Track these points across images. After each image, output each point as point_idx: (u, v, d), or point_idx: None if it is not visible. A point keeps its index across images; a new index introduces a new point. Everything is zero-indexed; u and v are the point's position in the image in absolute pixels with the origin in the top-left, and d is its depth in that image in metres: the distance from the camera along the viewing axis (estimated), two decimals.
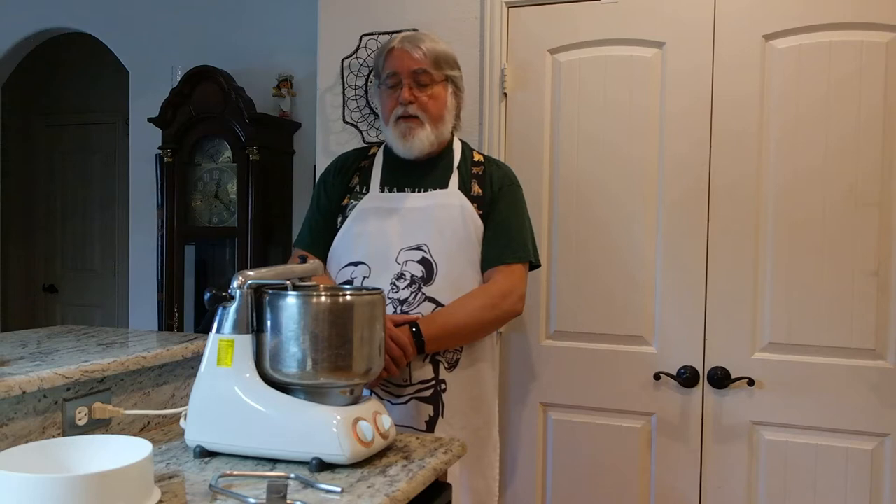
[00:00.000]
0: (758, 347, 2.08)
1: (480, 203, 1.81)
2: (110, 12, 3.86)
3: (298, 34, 3.40)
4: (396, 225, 1.78)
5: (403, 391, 1.73)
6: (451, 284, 1.75)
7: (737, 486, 2.10)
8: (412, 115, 1.77)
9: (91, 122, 5.06)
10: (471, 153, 1.90)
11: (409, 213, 1.79)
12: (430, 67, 1.77)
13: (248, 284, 1.37)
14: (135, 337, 1.78)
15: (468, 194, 1.81)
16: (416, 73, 1.76)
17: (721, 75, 2.10)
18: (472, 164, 1.87)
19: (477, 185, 1.83)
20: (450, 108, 1.82)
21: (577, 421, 2.25)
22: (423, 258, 1.75)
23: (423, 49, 1.77)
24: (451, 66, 1.82)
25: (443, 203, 1.79)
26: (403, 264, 1.76)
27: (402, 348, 1.63)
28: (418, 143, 1.78)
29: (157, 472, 1.26)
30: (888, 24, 1.97)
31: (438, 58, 1.79)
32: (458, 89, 1.85)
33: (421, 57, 1.77)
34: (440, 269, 1.75)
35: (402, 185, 1.83)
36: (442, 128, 1.81)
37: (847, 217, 2.00)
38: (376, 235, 1.79)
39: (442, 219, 1.77)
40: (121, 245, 4.80)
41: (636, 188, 2.17)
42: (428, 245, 1.76)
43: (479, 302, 1.73)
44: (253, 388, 1.34)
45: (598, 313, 2.21)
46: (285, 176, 3.51)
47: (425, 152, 1.80)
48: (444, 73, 1.80)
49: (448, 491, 1.45)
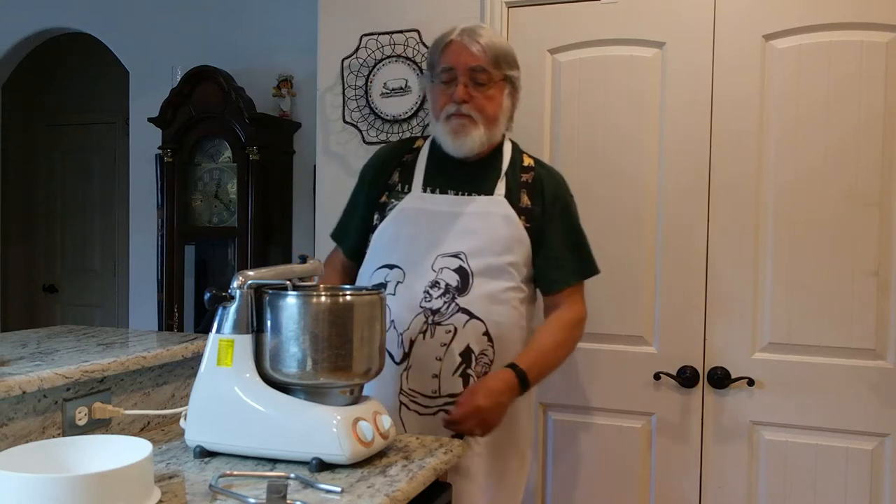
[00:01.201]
0: (758, 347, 2.08)
1: (529, 216, 1.71)
2: (110, 12, 3.86)
3: (298, 34, 3.40)
4: (436, 229, 1.70)
5: (433, 402, 1.67)
6: (487, 296, 1.67)
7: (737, 486, 2.10)
8: (465, 114, 1.67)
9: (91, 122, 5.06)
10: (520, 157, 1.79)
11: (450, 218, 1.71)
12: (490, 66, 1.67)
13: (248, 284, 1.37)
14: (135, 337, 1.78)
15: (516, 204, 1.71)
16: (474, 71, 1.67)
17: (721, 75, 2.10)
18: (522, 169, 1.76)
19: (526, 195, 1.73)
20: (504, 111, 1.73)
21: (577, 421, 2.25)
22: (459, 267, 1.68)
23: (483, 44, 1.67)
24: (510, 66, 1.71)
25: (486, 211, 1.70)
26: (439, 272, 1.68)
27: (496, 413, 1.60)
28: (470, 142, 1.69)
29: (157, 472, 1.26)
30: (888, 24, 1.97)
31: (498, 56, 1.68)
32: (515, 90, 1.75)
33: (479, 52, 1.66)
34: (476, 279, 1.67)
35: (446, 187, 1.74)
36: (495, 130, 1.72)
37: (847, 217, 2.00)
38: (414, 239, 1.71)
39: (483, 227, 1.69)
40: (121, 245, 4.79)
41: (636, 188, 2.17)
42: (466, 253, 1.68)
43: (564, 333, 1.73)
44: (253, 388, 1.34)
45: (597, 313, 2.20)
46: (285, 176, 3.51)
47: (475, 152, 1.72)
48: (502, 73, 1.70)
49: (448, 491, 1.45)
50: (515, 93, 1.76)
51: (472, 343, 1.67)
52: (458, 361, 1.66)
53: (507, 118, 1.76)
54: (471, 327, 1.67)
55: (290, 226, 3.53)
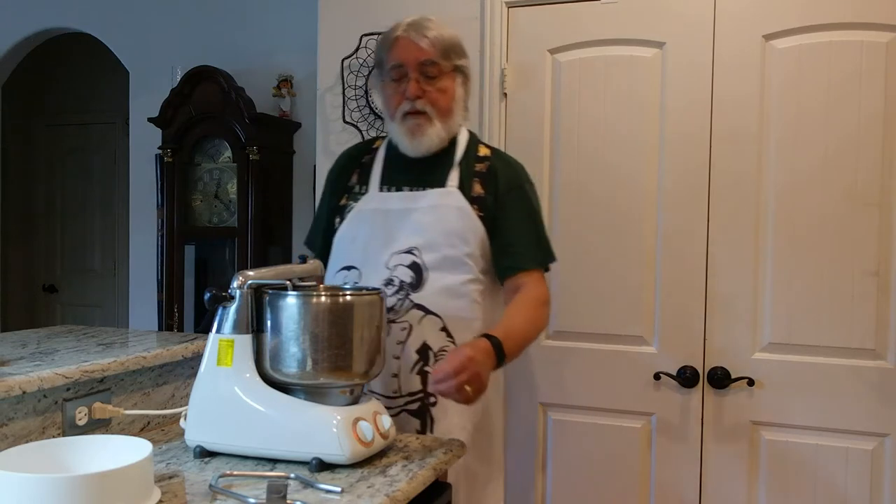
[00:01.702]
0: (758, 347, 2.08)
1: (482, 205, 1.67)
2: (110, 12, 3.86)
3: (298, 34, 3.39)
4: (391, 227, 1.68)
5: (394, 402, 1.62)
6: (442, 291, 1.63)
7: (737, 486, 2.10)
8: (420, 111, 1.64)
9: (91, 122, 5.06)
10: (476, 147, 1.75)
11: (403, 215, 1.68)
12: (439, 58, 1.64)
13: (248, 284, 1.37)
14: (135, 337, 1.78)
15: (468, 194, 1.67)
16: (424, 65, 1.64)
17: (721, 75, 2.10)
18: (477, 159, 1.72)
19: (479, 184, 1.69)
20: (458, 101, 1.70)
21: (577, 421, 2.24)
22: (413, 262, 1.64)
23: (430, 37, 1.64)
24: (458, 55, 1.69)
25: (438, 203, 1.67)
26: (393, 269, 1.65)
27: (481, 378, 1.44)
28: (427, 141, 1.66)
29: (157, 472, 1.26)
30: (888, 24, 1.96)
31: (447, 47, 1.65)
32: (467, 79, 1.73)
33: (428, 46, 1.63)
34: (431, 273, 1.63)
35: (402, 184, 1.72)
36: (451, 122, 1.69)
37: (847, 217, 2.00)
38: (370, 239, 1.69)
39: (436, 220, 1.65)
40: (121, 245, 4.79)
41: (636, 188, 2.17)
42: (419, 248, 1.64)
43: (532, 311, 1.63)
44: (253, 388, 1.34)
45: (598, 313, 2.21)
46: (285, 176, 3.51)
47: (434, 150, 1.69)
48: (452, 64, 1.67)
49: (448, 491, 1.45)
50: (467, 82, 1.73)
51: (430, 339, 1.63)
52: (416, 359, 1.62)
53: (462, 108, 1.73)
54: (427, 323, 1.63)
55: (290, 226, 3.53)
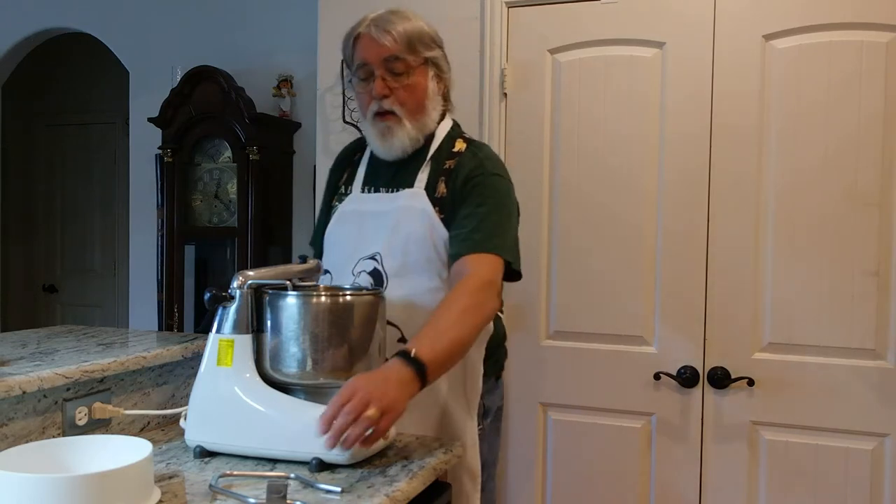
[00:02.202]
0: (758, 347, 2.08)
1: (442, 207, 1.56)
2: (110, 12, 3.86)
3: (298, 34, 3.40)
4: (362, 231, 1.60)
5: None
6: (401, 301, 1.53)
7: (737, 486, 2.10)
8: (388, 112, 1.56)
9: (91, 122, 5.06)
10: (452, 142, 1.63)
11: (375, 217, 1.60)
12: (404, 52, 1.54)
13: (248, 284, 1.37)
14: (135, 337, 1.78)
15: (432, 195, 1.56)
16: (388, 61, 1.54)
17: (721, 75, 2.10)
18: (449, 155, 1.60)
19: (444, 183, 1.57)
20: (432, 96, 1.60)
21: (577, 421, 2.25)
22: (374, 269, 1.56)
23: (394, 33, 1.53)
24: (428, 46, 1.58)
25: (405, 206, 1.57)
26: (357, 276, 1.58)
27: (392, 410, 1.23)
28: (398, 143, 1.58)
29: (157, 472, 1.26)
30: (888, 24, 1.97)
31: (412, 39, 1.55)
32: (441, 70, 1.62)
33: (391, 42, 1.53)
34: (391, 281, 1.54)
35: (379, 185, 1.64)
36: (424, 119, 1.59)
37: (847, 217, 2.00)
38: (342, 243, 1.64)
39: (400, 224, 1.56)
40: (121, 245, 4.79)
41: (636, 188, 2.17)
42: (381, 254, 1.56)
43: (464, 302, 1.41)
44: (253, 388, 1.34)
45: (598, 313, 2.21)
46: (285, 176, 3.51)
47: (408, 151, 1.60)
48: (421, 57, 1.57)
49: (448, 491, 1.45)
50: (442, 73, 1.62)
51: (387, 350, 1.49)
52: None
53: (439, 102, 1.63)
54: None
55: (290, 226, 3.53)
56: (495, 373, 1.69)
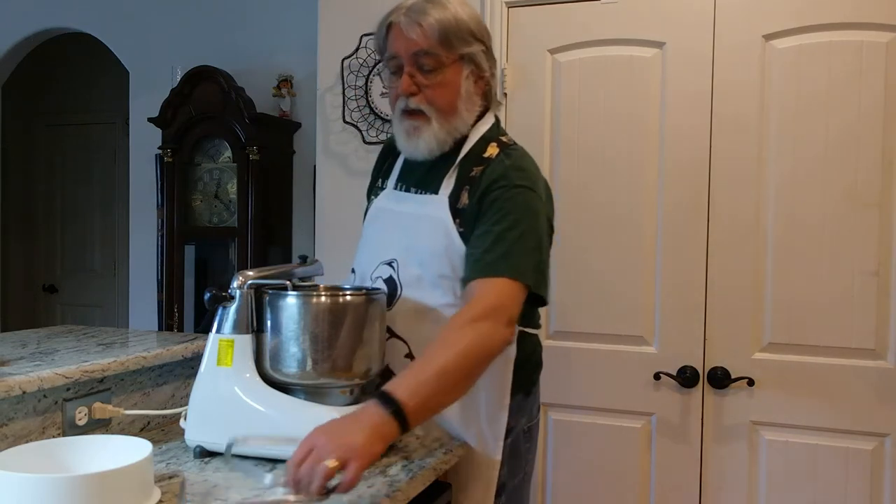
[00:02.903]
0: (758, 347, 2.08)
1: (463, 219, 1.42)
2: (110, 12, 3.87)
3: (298, 34, 3.40)
4: (388, 231, 1.52)
5: None
6: (413, 312, 1.45)
7: (737, 486, 2.10)
8: (415, 110, 1.44)
9: (91, 122, 5.06)
10: (485, 146, 1.48)
11: (397, 218, 1.51)
12: (436, 47, 1.40)
13: (248, 284, 1.37)
14: (135, 337, 1.78)
15: (454, 205, 1.44)
16: (417, 56, 1.41)
17: (721, 75, 2.10)
18: (478, 161, 1.46)
19: (467, 192, 1.44)
20: (465, 96, 1.45)
21: (577, 421, 2.24)
22: (389, 276, 1.48)
23: (426, 25, 1.39)
24: (465, 41, 1.42)
25: (424, 213, 1.46)
26: (374, 281, 1.50)
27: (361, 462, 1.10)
28: (424, 144, 1.45)
29: (157, 472, 1.26)
30: (888, 24, 1.96)
31: (447, 32, 1.40)
32: (479, 67, 1.46)
33: (419, 36, 1.40)
34: (404, 291, 1.45)
35: (410, 184, 1.53)
36: (455, 121, 1.46)
37: (847, 217, 2.00)
38: (368, 243, 1.57)
39: (421, 231, 1.46)
40: (121, 245, 4.79)
41: (636, 187, 2.17)
42: (398, 261, 1.47)
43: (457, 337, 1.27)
44: (253, 388, 1.34)
45: (598, 313, 2.21)
46: (285, 176, 3.51)
47: (435, 154, 1.47)
48: (456, 53, 1.42)
49: (448, 491, 1.45)
50: (482, 71, 1.48)
51: (393, 364, 1.46)
52: (377, 384, 1.37)
53: (476, 102, 1.49)
54: (391, 347, 1.47)
55: (290, 226, 3.53)
56: (523, 389, 1.54)
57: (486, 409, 1.48)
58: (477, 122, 1.51)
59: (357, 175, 2.48)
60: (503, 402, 1.48)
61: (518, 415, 1.54)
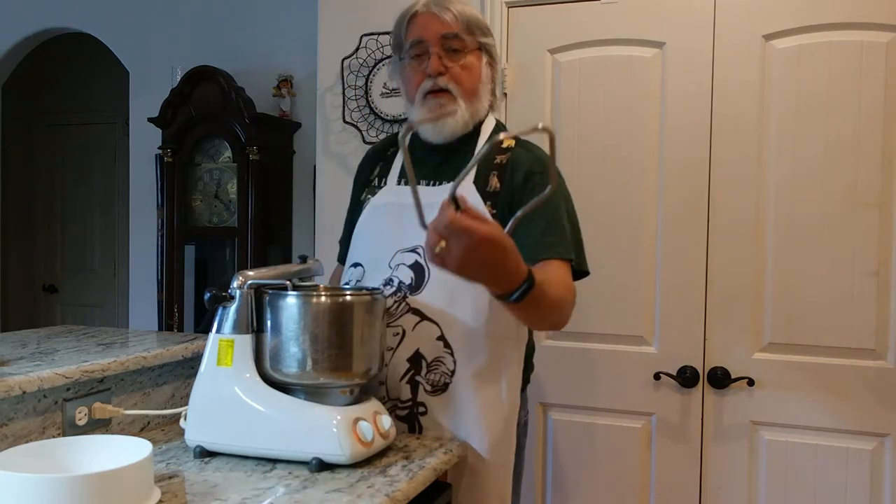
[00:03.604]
0: (758, 347, 2.08)
1: (495, 201, 1.48)
2: (110, 12, 3.87)
3: (298, 34, 3.40)
4: (401, 223, 1.54)
5: None
6: (443, 295, 1.48)
7: (737, 486, 2.10)
8: (442, 90, 1.50)
9: (91, 122, 5.06)
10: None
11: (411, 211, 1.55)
12: (463, 32, 1.51)
13: (248, 284, 1.37)
14: (135, 337, 1.78)
15: (482, 189, 1.50)
16: (447, 38, 1.50)
17: (721, 75, 2.10)
18: (498, 150, 1.54)
19: (496, 177, 1.50)
20: (485, 82, 1.56)
21: (577, 421, 2.25)
22: (415, 262, 1.51)
23: (454, 11, 1.51)
24: (484, 32, 1.55)
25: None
26: (395, 268, 1.53)
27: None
28: (451, 122, 1.52)
29: (157, 472, 1.26)
30: (888, 24, 1.97)
31: (471, 22, 1.52)
32: (493, 59, 1.58)
33: (451, 19, 1.50)
34: (433, 275, 1.48)
35: (419, 177, 1.55)
36: (477, 104, 1.54)
37: (847, 217, 2.00)
38: (376, 234, 1.59)
39: None
40: (121, 245, 4.80)
41: (636, 188, 2.17)
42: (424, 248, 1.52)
43: (569, 292, 1.41)
44: (253, 388, 1.34)
45: (597, 313, 2.21)
46: (285, 176, 3.51)
47: (457, 135, 1.54)
48: (477, 41, 1.54)
49: (448, 491, 1.45)
50: (494, 63, 1.58)
51: (424, 348, 1.49)
52: (406, 367, 1.49)
53: (489, 91, 1.58)
54: (422, 330, 1.50)
55: (290, 226, 3.53)
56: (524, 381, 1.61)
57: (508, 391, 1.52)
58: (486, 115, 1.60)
59: None
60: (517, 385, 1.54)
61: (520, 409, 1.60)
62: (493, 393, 1.50)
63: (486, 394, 1.50)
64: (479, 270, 1.15)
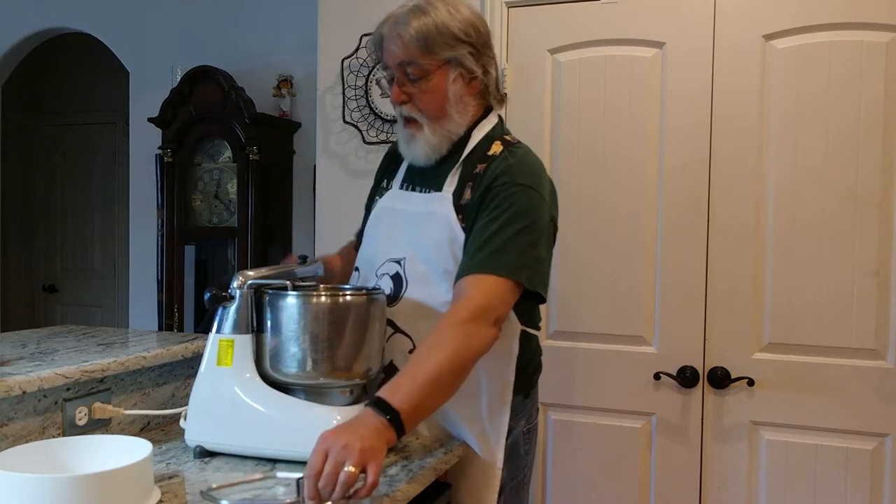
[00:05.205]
0: (758, 347, 2.08)
1: (465, 214, 1.44)
2: (110, 12, 3.87)
3: (298, 34, 3.40)
4: (394, 230, 1.54)
5: None
6: (417, 309, 1.46)
7: (737, 486, 2.10)
8: (408, 118, 1.48)
9: (91, 122, 5.06)
10: (489, 144, 1.50)
11: (403, 217, 1.53)
12: (418, 56, 1.42)
13: (248, 284, 1.37)
14: (135, 337, 1.78)
15: (458, 201, 1.46)
16: (402, 66, 1.44)
17: (721, 75, 2.10)
18: (482, 158, 1.47)
19: (470, 188, 1.46)
20: (454, 99, 1.46)
21: (577, 421, 2.25)
22: (396, 273, 1.50)
23: (405, 36, 1.41)
24: (448, 45, 1.42)
25: (429, 210, 1.49)
26: (380, 278, 1.52)
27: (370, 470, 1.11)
28: (419, 150, 1.49)
29: (157, 472, 1.26)
30: (888, 24, 1.96)
31: (428, 39, 1.41)
32: (465, 67, 1.45)
33: (399, 49, 1.42)
34: (410, 288, 1.47)
35: (415, 184, 1.56)
36: (447, 125, 1.48)
37: (847, 217, 2.00)
38: (373, 241, 1.59)
39: (427, 228, 1.48)
40: (121, 245, 4.80)
41: (636, 188, 2.17)
42: (406, 258, 1.49)
43: (443, 339, 1.29)
44: (253, 388, 1.34)
45: (598, 313, 2.21)
46: (285, 176, 3.51)
47: (432, 159, 1.50)
48: (440, 59, 1.43)
49: (448, 491, 1.45)
50: (472, 73, 1.47)
51: (397, 360, 1.48)
52: (381, 379, 1.46)
53: (468, 104, 1.49)
54: (395, 342, 1.49)
55: (290, 226, 3.53)
56: (522, 391, 1.55)
57: (488, 407, 1.50)
58: (480, 121, 1.53)
59: (357, 175, 2.48)
60: (505, 400, 1.51)
61: (517, 416, 1.55)
62: (470, 410, 1.48)
63: (462, 411, 1.48)
64: (358, 437, 1.13)
